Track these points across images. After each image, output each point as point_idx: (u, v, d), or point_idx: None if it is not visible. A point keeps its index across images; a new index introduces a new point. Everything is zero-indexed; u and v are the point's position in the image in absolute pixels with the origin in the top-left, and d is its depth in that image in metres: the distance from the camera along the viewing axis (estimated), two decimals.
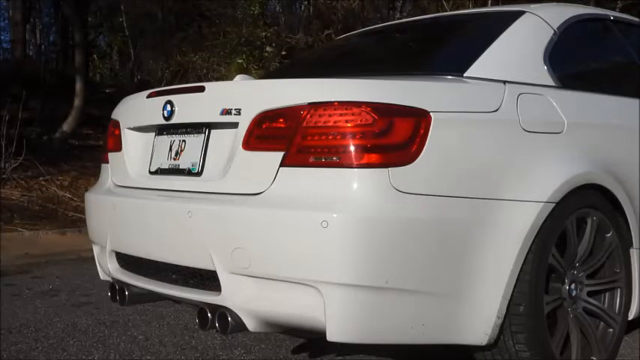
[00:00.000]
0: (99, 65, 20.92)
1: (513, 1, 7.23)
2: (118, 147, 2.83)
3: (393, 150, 2.08)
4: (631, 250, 2.72)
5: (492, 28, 2.78)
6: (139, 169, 2.72)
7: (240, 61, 10.92)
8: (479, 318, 2.20)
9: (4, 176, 7.88)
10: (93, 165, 8.51)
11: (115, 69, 20.92)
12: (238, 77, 2.89)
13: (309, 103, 2.14)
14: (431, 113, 2.14)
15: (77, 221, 7.06)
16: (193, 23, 13.71)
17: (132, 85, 13.23)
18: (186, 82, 8.21)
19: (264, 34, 11.19)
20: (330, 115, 2.10)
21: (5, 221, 6.73)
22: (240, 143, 2.25)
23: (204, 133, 2.43)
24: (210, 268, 2.23)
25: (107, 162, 2.92)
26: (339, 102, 2.11)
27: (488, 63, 2.52)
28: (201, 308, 2.28)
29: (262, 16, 11.77)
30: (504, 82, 2.43)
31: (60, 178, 8.59)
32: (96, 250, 2.93)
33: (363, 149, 2.06)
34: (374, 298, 2.05)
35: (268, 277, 2.13)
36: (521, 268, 2.26)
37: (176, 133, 2.56)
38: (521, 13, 2.79)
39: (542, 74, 2.62)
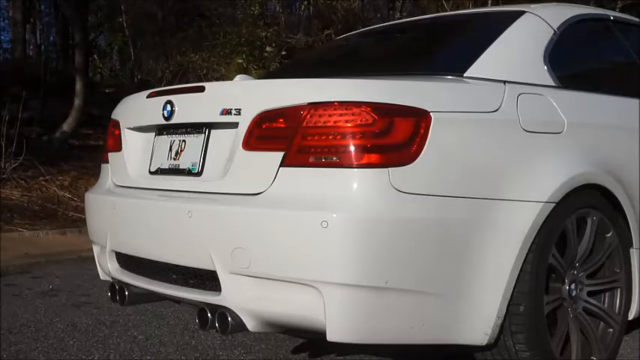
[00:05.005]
0: (99, 65, 20.92)
1: (513, 1, 7.24)
2: (118, 147, 2.83)
3: (393, 150, 2.08)
4: (631, 250, 2.72)
5: (492, 28, 2.78)
6: (138, 169, 2.72)
7: (240, 61, 10.92)
8: (479, 318, 2.20)
9: (4, 176, 7.88)
10: (93, 165, 8.51)
11: (115, 69, 20.92)
12: (238, 77, 2.88)
13: (309, 103, 2.14)
14: (431, 113, 2.14)
15: (77, 221, 7.06)
16: (193, 23, 13.70)
17: (132, 85, 13.22)
18: (186, 82, 8.21)
19: (264, 34, 11.19)
20: (330, 115, 2.10)
21: (5, 221, 6.73)
22: (240, 143, 2.25)
23: (204, 133, 2.43)
24: (210, 268, 2.23)
25: (107, 162, 2.92)
26: (339, 102, 2.11)
27: (488, 63, 2.52)
28: (201, 308, 2.28)
29: (262, 16, 11.78)
30: (504, 82, 2.43)
31: (60, 178, 8.58)
32: (96, 250, 2.93)
33: (363, 149, 2.06)
34: (374, 298, 2.05)
35: (268, 277, 2.13)
36: (521, 268, 2.26)
37: (176, 133, 2.56)
38: (521, 13, 2.79)
39: (542, 74, 2.62)
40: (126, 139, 2.80)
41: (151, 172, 2.65)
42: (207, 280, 2.29)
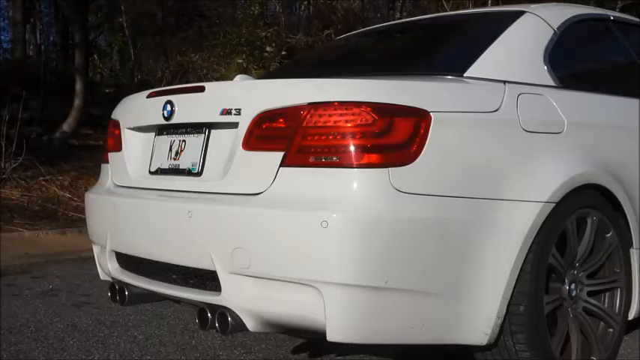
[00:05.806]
0: (99, 65, 20.92)
1: (513, 1, 7.24)
2: (118, 147, 2.83)
3: (393, 150, 2.08)
4: (631, 250, 2.72)
5: (492, 28, 2.78)
6: (138, 169, 2.72)
7: (240, 61, 10.92)
8: (479, 318, 2.20)
9: (4, 176, 7.88)
10: (93, 165, 8.51)
11: (115, 69, 20.92)
12: (238, 77, 2.88)
13: (309, 103, 2.14)
14: (431, 113, 2.14)
15: (77, 221, 7.06)
16: (193, 23, 13.71)
17: (132, 85, 13.23)
18: (186, 82, 8.21)
19: (264, 34, 11.20)
20: (330, 115, 2.10)
21: (5, 221, 6.73)
22: (240, 143, 2.25)
23: (204, 133, 2.43)
24: (210, 268, 2.23)
25: (107, 162, 2.92)
26: (339, 102, 2.11)
27: (488, 63, 2.52)
28: (201, 308, 2.28)
29: (262, 16, 11.78)
30: (504, 82, 2.43)
31: (60, 178, 8.58)
32: (96, 250, 2.94)
33: (363, 149, 2.06)
34: (374, 298, 2.05)
35: (268, 277, 2.13)
36: (522, 268, 2.26)
37: (176, 133, 2.57)
38: (521, 13, 2.79)
39: (542, 74, 2.62)
40: (126, 139, 2.80)
41: (151, 172, 2.65)
42: (207, 280, 2.29)
